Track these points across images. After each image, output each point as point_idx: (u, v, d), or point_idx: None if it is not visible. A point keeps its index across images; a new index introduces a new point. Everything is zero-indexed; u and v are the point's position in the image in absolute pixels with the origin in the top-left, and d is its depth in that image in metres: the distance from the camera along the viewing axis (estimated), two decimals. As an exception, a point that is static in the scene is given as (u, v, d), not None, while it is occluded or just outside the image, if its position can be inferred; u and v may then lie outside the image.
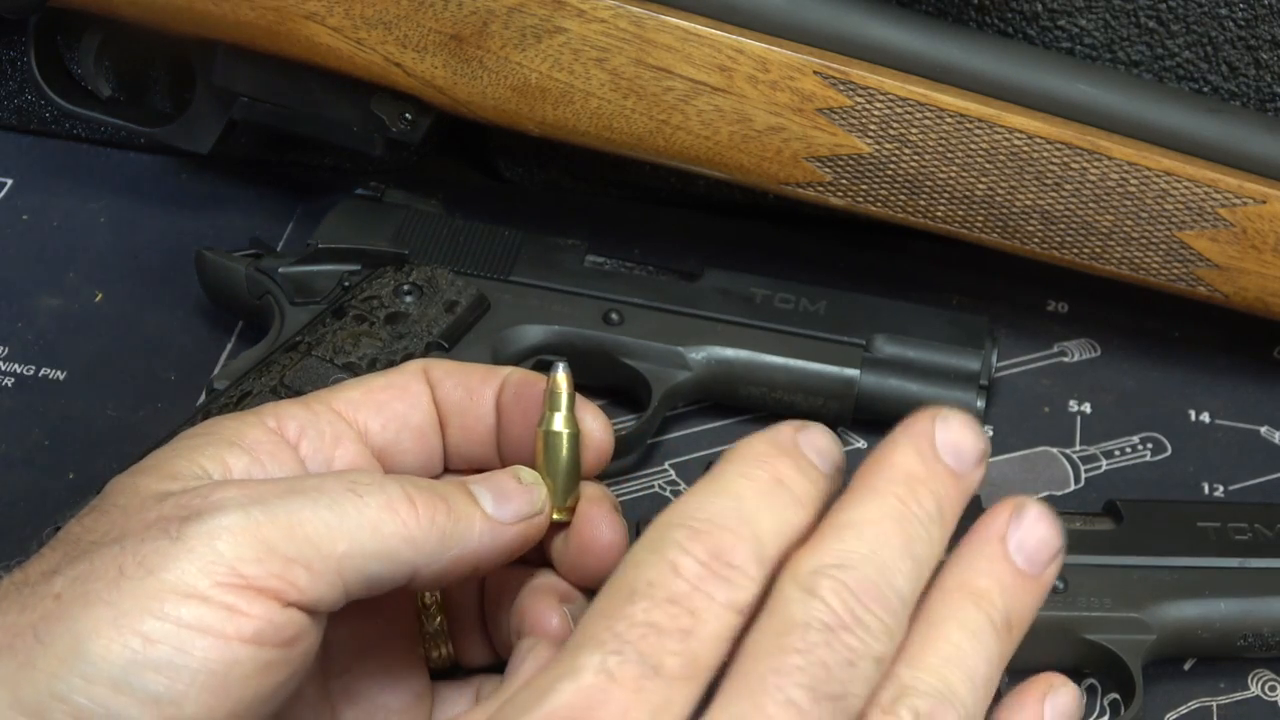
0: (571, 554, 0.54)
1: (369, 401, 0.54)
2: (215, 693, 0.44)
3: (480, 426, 0.55)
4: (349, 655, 0.53)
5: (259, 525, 0.45)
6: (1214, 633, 0.63)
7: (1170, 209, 0.70)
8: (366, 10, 0.72)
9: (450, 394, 0.55)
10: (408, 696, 0.54)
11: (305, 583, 0.45)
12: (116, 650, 0.43)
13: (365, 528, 0.47)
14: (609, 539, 0.53)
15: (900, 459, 0.46)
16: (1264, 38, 0.76)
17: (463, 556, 0.49)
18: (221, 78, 0.78)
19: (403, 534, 0.48)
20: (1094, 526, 0.65)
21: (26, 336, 0.78)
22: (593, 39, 0.71)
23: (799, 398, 0.73)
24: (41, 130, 0.90)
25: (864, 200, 0.72)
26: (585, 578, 0.54)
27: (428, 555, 0.48)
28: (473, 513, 0.50)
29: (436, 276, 0.74)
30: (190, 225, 0.85)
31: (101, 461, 0.72)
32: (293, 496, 0.46)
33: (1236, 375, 0.79)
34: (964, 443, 0.47)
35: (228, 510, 0.45)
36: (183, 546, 0.44)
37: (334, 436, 0.52)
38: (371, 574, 0.47)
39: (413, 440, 0.55)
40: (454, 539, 0.49)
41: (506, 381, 0.56)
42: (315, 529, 0.46)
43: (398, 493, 0.48)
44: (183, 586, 0.44)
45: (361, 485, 0.48)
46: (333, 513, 0.46)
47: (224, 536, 0.45)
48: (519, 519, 0.51)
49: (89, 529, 0.46)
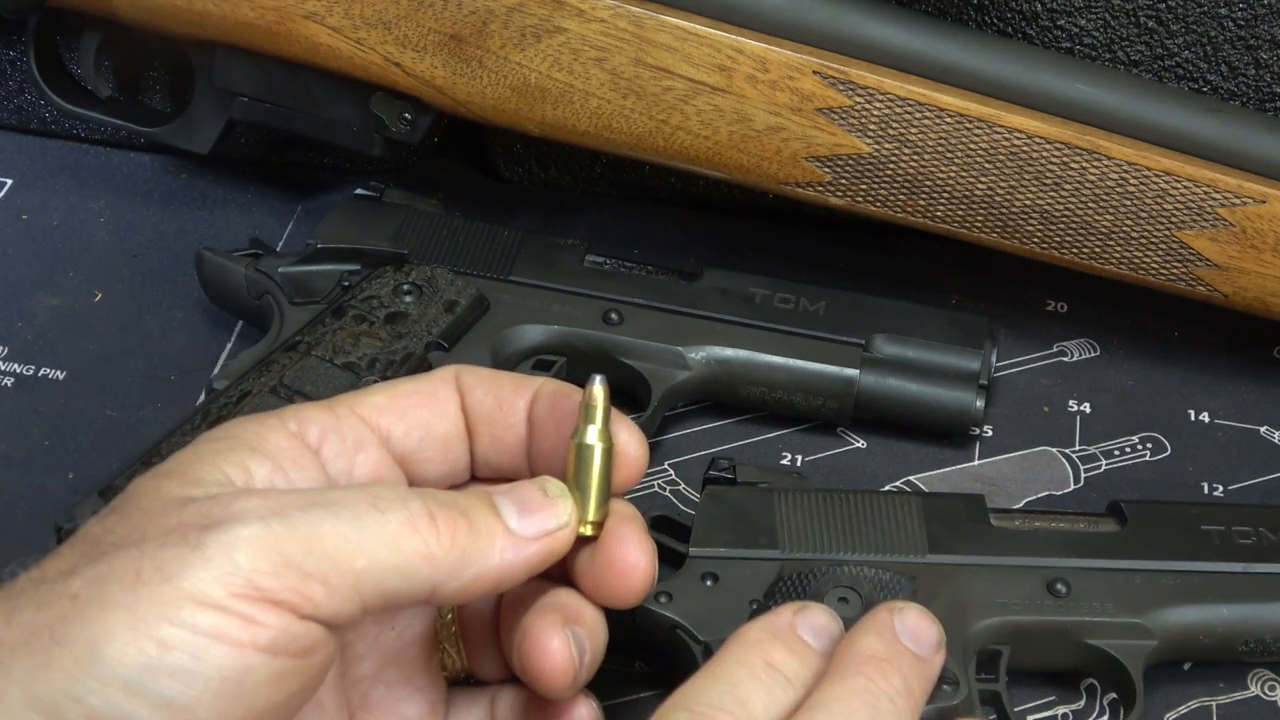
0: (597, 571, 0.53)
1: (393, 407, 0.53)
2: (228, 700, 0.44)
3: (510, 436, 0.55)
4: (368, 665, 0.53)
5: (278, 538, 0.45)
6: (1216, 638, 0.62)
7: (1170, 209, 0.70)
8: (366, 10, 0.72)
9: (480, 402, 0.55)
10: (424, 705, 0.54)
11: (322, 597, 0.45)
12: (132, 654, 0.43)
13: (385, 544, 0.47)
14: (635, 559, 0.52)
15: (866, 644, 0.52)
16: (1264, 38, 0.76)
17: (483, 574, 0.49)
18: (221, 78, 0.78)
19: (423, 552, 0.47)
20: (1098, 529, 0.65)
21: (26, 336, 0.78)
22: (592, 39, 0.71)
23: (799, 397, 0.73)
24: (41, 130, 0.90)
25: (864, 200, 0.72)
26: (606, 596, 0.53)
27: (447, 573, 0.48)
28: (494, 529, 0.49)
29: (436, 276, 0.74)
30: (190, 225, 0.85)
31: (101, 461, 0.72)
32: (313, 510, 0.46)
33: (1236, 375, 0.79)
34: (920, 629, 0.54)
35: (248, 521, 0.45)
36: (201, 555, 0.44)
37: (356, 442, 0.52)
38: (390, 590, 0.47)
39: (436, 449, 0.54)
40: (474, 556, 0.48)
41: (539, 393, 0.55)
42: (335, 544, 0.46)
43: (419, 509, 0.48)
44: (199, 595, 0.43)
45: (383, 501, 0.47)
46: (353, 528, 0.46)
47: (242, 548, 0.44)
48: (542, 533, 0.50)
49: (109, 530, 0.46)
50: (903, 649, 0.52)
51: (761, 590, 0.60)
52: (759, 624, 0.53)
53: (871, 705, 0.50)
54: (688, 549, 0.61)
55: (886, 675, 0.51)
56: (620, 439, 0.53)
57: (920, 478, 0.73)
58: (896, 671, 0.51)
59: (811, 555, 0.61)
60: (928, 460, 0.74)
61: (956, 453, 0.74)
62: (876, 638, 0.52)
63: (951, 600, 0.61)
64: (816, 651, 0.52)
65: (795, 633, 0.53)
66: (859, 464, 0.74)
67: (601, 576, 0.53)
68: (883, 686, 0.50)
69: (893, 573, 0.61)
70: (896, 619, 0.53)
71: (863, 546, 0.62)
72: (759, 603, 0.60)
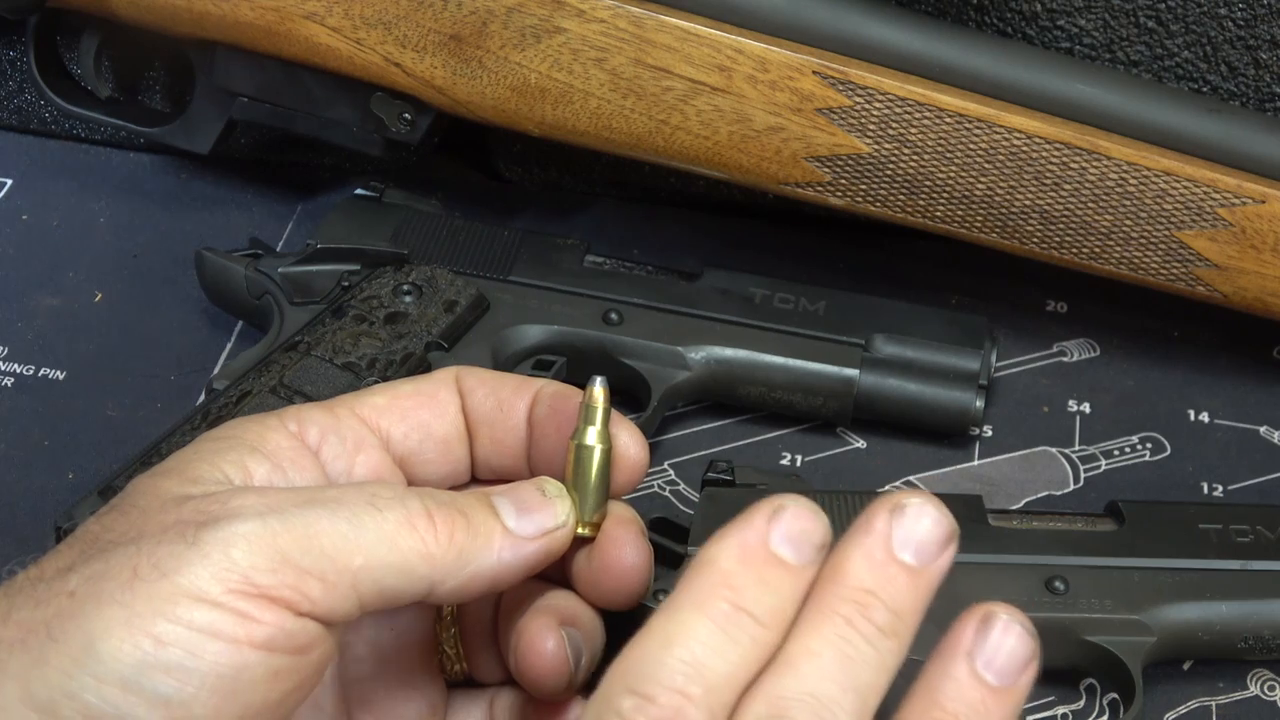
0: (593, 572, 0.53)
1: (393, 408, 0.53)
2: (224, 696, 0.44)
3: (510, 439, 0.54)
4: (366, 665, 0.53)
5: (275, 534, 0.45)
6: (1215, 635, 0.63)
7: (1169, 209, 0.70)
8: (366, 10, 0.72)
9: (481, 404, 0.54)
10: (423, 707, 0.54)
11: (318, 594, 0.45)
12: (128, 650, 0.43)
13: (383, 542, 0.47)
14: (632, 561, 0.52)
15: (850, 569, 0.44)
16: (1263, 38, 0.76)
17: (480, 573, 0.49)
18: (221, 78, 0.78)
19: (420, 550, 0.47)
20: (1095, 528, 0.65)
21: (26, 336, 0.78)
22: (592, 39, 0.71)
23: (798, 397, 0.73)
24: (41, 130, 0.90)
25: (863, 200, 0.72)
26: (602, 598, 0.53)
27: (445, 571, 0.48)
28: (492, 528, 0.49)
29: (436, 276, 0.74)
30: (190, 225, 0.85)
31: (101, 461, 0.72)
32: (311, 507, 0.46)
33: (1236, 375, 0.79)
34: (924, 534, 0.45)
35: (245, 518, 0.45)
36: (198, 552, 0.44)
37: (355, 443, 0.52)
38: (387, 588, 0.47)
39: (436, 450, 0.54)
40: (472, 555, 0.48)
41: (539, 395, 0.54)
42: (332, 541, 0.46)
43: (417, 508, 0.48)
44: (195, 591, 0.44)
45: (381, 499, 0.47)
46: (351, 525, 0.46)
47: (239, 544, 0.44)
48: (541, 533, 0.50)
49: (108, 528, 0.46)
50: (895, 571, 0.44)
51: (760, 590, 0.60)
52: (727, 545, 0.45)
53: (845, 657, 0.43)
54: (686, 549, 0.61)
55: (870, 614, 0.44)
56: (621, 441, 0.53)
57: (920, 478, 0.73)
58: (881, 605, 0.44)
59: (811, 555, 0.61)
60: (927, 460, 0.74)
61: (956, 453, 0.74)
62: (864, 560, 0.44)
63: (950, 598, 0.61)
64: (797, 569, 0.45)
65: (769, 551, 0.45)
66: (859, 464, 0.74)
67: (598, 578, 0.52)
68: (863, 630, 0.44)
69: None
70: (895, 525, 0.45)
71: (862, 546, 0.62)
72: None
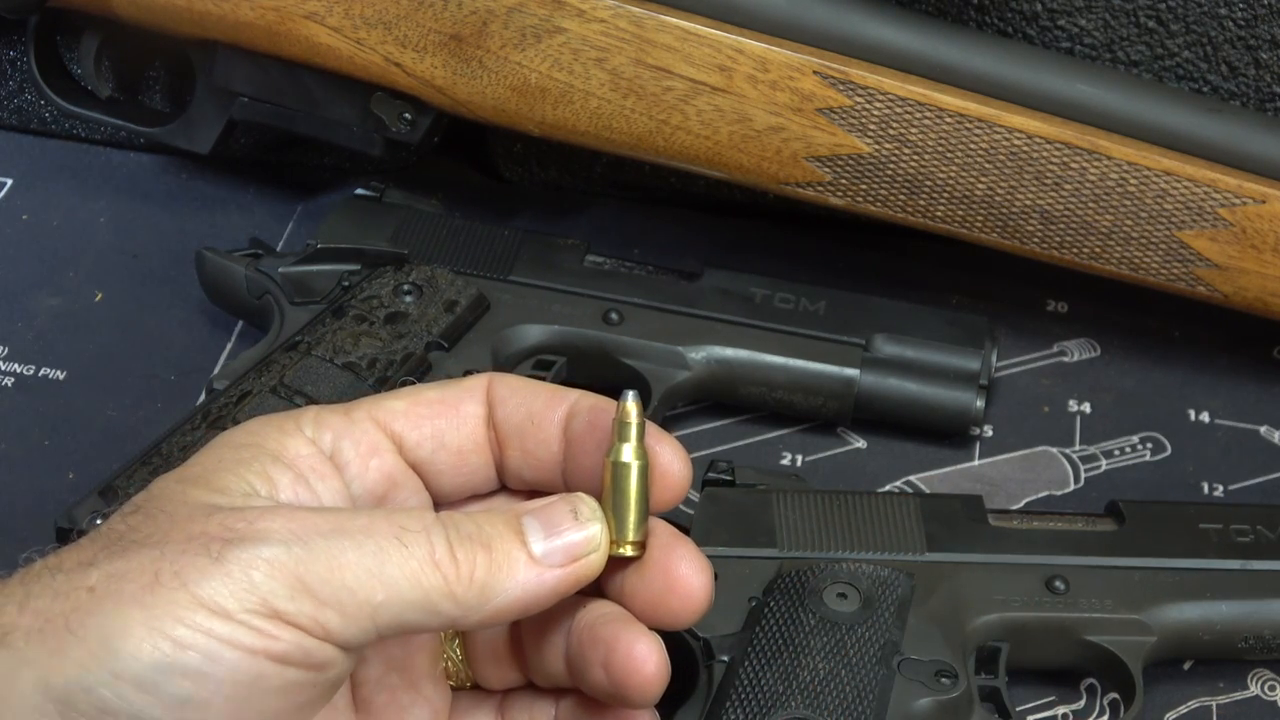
0: (653, 593, 0.51)
1: (411, 414, 0.53)
2: (240, 704, 0.44)
3: (542, 452, 0.53)
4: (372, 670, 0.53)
5: (298, 562, 0.45)
6: (1215, 635, 0.63)
7: (1170, 209, 0.70)
8: (366, 10, 0.72)
9: (512, 415, 0.53)
10: (428, 711, 0.54)
11: (336, 625, 0.45)
12: (147, 651, 0.43)
13: (406, 579, 0.46)
14: (697, 581, 0.51)
15: None
16: (1264, 38, 0.76)
17: (505, 606, 0.48)
18: (221, 78, 0.78)
19: (443, 590, 0.47)
20: (1096, 528, 0.65)
21: (26, 336, 0.78)
22: (592, 39, 0.71)
23: (798, 397, 0.73)
24: (41, 130, 0.90)
25: (863, 200, 0.72)
26: (665, 618, 0.51)
27: (468, 607, 0.47)
28: (516, 560, 0.48)
29: (436, 276, 0.74)
30: (190, 225, 0.85)
31: (101, 461, 0.72)
32: (337, 538, 0.46)
33: (1236, 375, 0.79)
34: None
35: (270, 542, 0.45)
36: (220, 568, 0.44)
37: (370, 446, 0.52)
38: (408, 622, 0.47)
39: (449, 461, 0.53)
40: (494, 591, 0.48)
41: (576, 409, 0.52)
42: (355, 575, 0.45)
43: (442, 544, 0.47)
44: (213, 604, 0.44)
45: (409, 534, 0.47)
46: (375, 560, 0.46)
47: (262, 568, 0.44)
48: (569, 559, 0.49)
49: (133, 528, 0.46)
50: None
51: (760, 588, 0.60)
52: None
53: None
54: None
55: None
56: (664, 458, 0.51)
57: (920, 478, 0.73)
58: None
59: (810, 554, 0.61)
60: (928, 460, 0.74)
61: (956, 453, 0.74)
62: None
63: (950, 597, 0.61)
64: None
65: None
66: (859, 464, 0.74)
67: (660, 598, 0.51)
68: None
69: (891, 569, 0.61)
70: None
71: (861, 545, 0.62)
72: (758, 599, 0.60)
